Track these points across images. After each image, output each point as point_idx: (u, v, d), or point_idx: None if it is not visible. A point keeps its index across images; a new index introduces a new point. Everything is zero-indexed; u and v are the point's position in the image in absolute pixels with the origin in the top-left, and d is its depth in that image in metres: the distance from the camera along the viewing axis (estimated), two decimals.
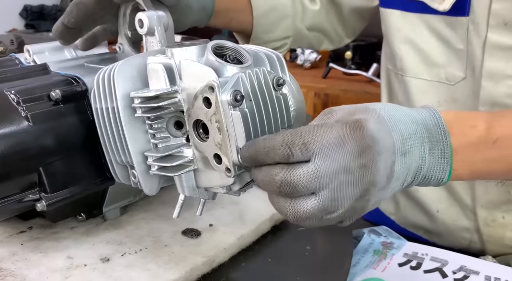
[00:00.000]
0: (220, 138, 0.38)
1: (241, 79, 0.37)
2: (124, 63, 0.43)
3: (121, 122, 0.42)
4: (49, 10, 2.26)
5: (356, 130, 0.34)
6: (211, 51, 0.39)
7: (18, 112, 0.45)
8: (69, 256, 0.47)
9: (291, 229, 0.57)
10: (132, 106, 0.41)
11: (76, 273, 0.44)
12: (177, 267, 0.45)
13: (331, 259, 0.53)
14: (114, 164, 0.46)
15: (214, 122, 0.38)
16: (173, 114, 0.42)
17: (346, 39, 0.83)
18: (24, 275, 0.44)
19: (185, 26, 0.58)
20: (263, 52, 0.42)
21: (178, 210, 0.43)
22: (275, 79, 0.40)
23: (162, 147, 0.43)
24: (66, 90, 0.47)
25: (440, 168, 0.38)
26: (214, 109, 0.37)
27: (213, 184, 0.42)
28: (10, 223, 0.54)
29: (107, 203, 0.55)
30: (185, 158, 0.42)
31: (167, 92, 0.40)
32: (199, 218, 0.55)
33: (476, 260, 0.58)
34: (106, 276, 0.44)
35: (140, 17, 0.46)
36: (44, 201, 0.46)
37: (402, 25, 0.65)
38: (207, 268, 0.47)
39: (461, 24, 0.59)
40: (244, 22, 0.69)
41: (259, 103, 0.38)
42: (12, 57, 0.59)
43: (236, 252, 0.51)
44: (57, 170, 0.47)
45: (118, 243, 0.49)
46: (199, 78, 0.38)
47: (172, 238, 0.51)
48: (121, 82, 0.42)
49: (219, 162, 0.39)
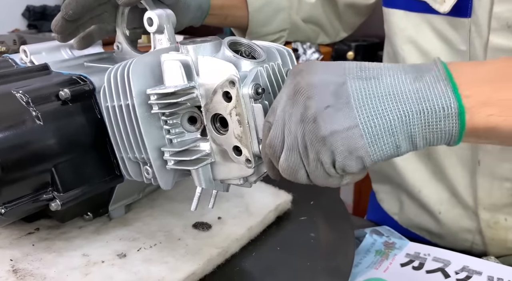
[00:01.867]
0: (241, 131, 0.39)
1: (259, 73, 0.39)
2: (138, 61, 0.43)
3: (137, 119, 0.43)
4: (51, 11, 2.24)
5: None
6: (228, 47, 0.41)
7: (29, 112, 0.45)
8: (84, 254, 0.47)
9: (294, 219, 0.60)
10: (149, 103, 0.42)
11: (95, 270, 0.45)
12: (194, 259, 0.47)
13: (335, 245, 0.55)
14: (126, 161, 0.47)
15: (235, 116, 0.39)
16: (187, 109, 0.44)
17: (342, 32, 0.82)
18: (44, 274, 0.44)
19: (182, 26, 0.59)
20: (274, 48, 0.44)
21: (196, 202, 0.45)
22: (288, 73, 0.42)
23: (177, 142, 0.44)
24: (75, 89, 0.48)
25: (438, 90, 0.32)
26: (235, 103, 0.39)
27: (232, 175, 0.43)
28: (16, 226, 0.54)
29: (113, 201, 0.55)
30: (202, 152, 0.43)
31: (185, 88, 0.41)
32: (205, 212, 0.56)
33: (478, 260, 0.58)
34: (126, 270, 0.45)
35: (150, 16, 0.47)
36: (58, 200, 0.46)
37: (405, 25, 0.65)
38: (221, 259, 0.49)
39: (463, 25, 0.58)
40: (240, 17, 0.69)
41: (277, 95, 0.40)
42: (6, 58, 0.58)
43: (246, 242, 0.53)
44: (68, 169, 0.47)
45: (131, 239, 0.50)
46: (218, 73, 0.40)
47: (184, 231, 0.52)
48: (136, 79, 0.42)
49: (238, 154, 0.41)
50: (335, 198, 0.66)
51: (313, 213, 0.61)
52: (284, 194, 0.60)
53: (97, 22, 0.56)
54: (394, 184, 0.75)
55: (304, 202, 0.63)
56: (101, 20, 0.56)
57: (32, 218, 0.55)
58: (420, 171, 0.70)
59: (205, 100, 0.41)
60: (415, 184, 0.70)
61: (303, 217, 0.60)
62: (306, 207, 0.62)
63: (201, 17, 0.61)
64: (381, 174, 0.78)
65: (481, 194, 0.63)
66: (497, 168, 0.61)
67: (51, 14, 2.22)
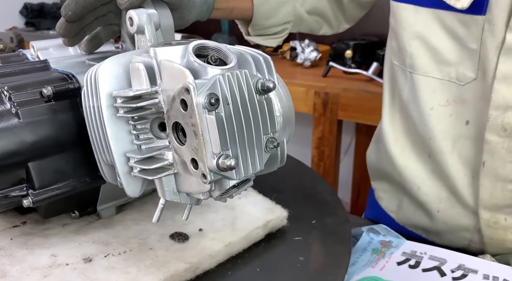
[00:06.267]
0: (196, 143, 0.36)
1: (218, 82, 0.36)
2: (110, 62, 0.42)
3: (104, 122, 0.41)
4: (49, 8, 2.28)
5: None
6: (192, 52, 0.38)
7: (8, 108, 0.45)
8: (53, 254, 0.47)
9: (287, 239, 0.55)
10: (114, 106, 0.41)
11: (56, 273, 0.44)
12: (157, 272, 0.44)
13: (323, 273, 0.50)
14: (102, 163, 0.46)
15: (190, 126, 0.36)
16: (156, 115, 0.41)
17: (345, 24, 0.82)
18: (5, 271, 0.44)
19: (189, 21, 0.57)
20: (249, 54, 0.40)
21: (158, 214, 0.42)
22: (259, 83, 0.38)
23: (145, 148, 0.42)
24: (58, 87, 0.47)
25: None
26: (190, 112, 0.36)
27: (192, 189, 0.40)
28: (7, 216, 0.55)
29: (101, 201, 0.54)
30: (165, 161, 0.41)
31: (147, 92, 0.39)
32: (190, 221, 0.54)
33: (474, 259, 0.58)
34: (85, 277, 0.43)
35: (130, 15, 0.45)
36: (30, 197, 0.46)
37: (414, 20, 0.63)
38: (190, 274, 0.46)
39: (476, 23, 0.56)
40: (245, 10, 0.68)
41: (238, 107, 0.37)
42: (19, 53, 0.60)
43: (223, 259, 0.49)
44: (46, 167, 0.47)
45: (104, 243, 0.49)
46: (177, 79, 0.37)
47: (159, 241, 0.49)
48: (104, 81, 0.41)
49: (196, 167, 0.38)
50: (342, 217, 0.61)
51: (311, 234, 0.56)
52: (279, 210, 0.56)
53: (103, 23, 0.55)
54: (393, 182, 0.75)
55: (305, 220, 0.58)
56: (107, 21, 0.55)
57: (24, 210, 0.55)
58: (420, 169, 0.69)
59: (167, 107, 0.38)
60: (414, 182, 0.70)
61: (298, 237, 0.55)
62: (306, 226, 0.57)
63: (208, 11, 0.59)
64: (380, 171, 0.77)
65: (483, 195, 0.62)
66: (502, 170, 0.60)
67: (49, 12, 2.26)
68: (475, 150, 0.62)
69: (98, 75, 0.41)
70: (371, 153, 0.81)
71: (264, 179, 0.49)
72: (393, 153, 0.72)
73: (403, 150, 0.71)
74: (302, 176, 0.72)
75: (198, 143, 0.36)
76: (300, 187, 0.68)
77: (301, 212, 0.59)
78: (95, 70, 0.42)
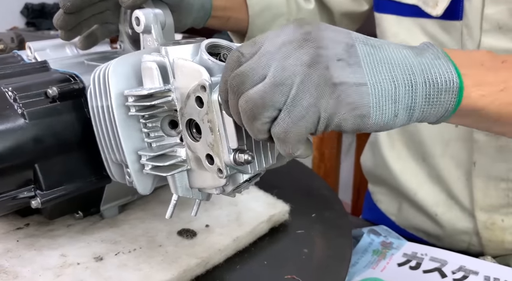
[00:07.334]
0: (212, 139, 0.37)
1: None
2: (119, 61, 0.42)
3: (115, 121, 0.42)
4: (50, 8, 2.27)
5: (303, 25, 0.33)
6: (205, 50, 0.39)
7: (14, 109, 0.45)
8: (63, 254, 0.47)
9: (290, 232, 0.57)
10: (126, 105, 0.41)
11: (68, 272, 0.44)
12: (169, 268, 0.45)
13: (327, 264, 0.52)
14: (110, 162, 0.46)
15: (206, 122, 0.37)
16: (167, 113, 0.42)
17: None
18: (17, 272, 0.44)
19: (185, 26, 0.58)
20: None
21: (171, 210, 0.43)
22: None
23: (156, 146, 0.43)
24: (63, 87, 0.47)
25: (440, 65, 0.33)
26: (206, 109, 0.37)
27: (206, 185, 0.41)
28: (8, 219, 0.54)
29: (105, 201, 0.54)
30: (178, 158, 0.41)
31: (160, 90, 0.39)
32: (196, 218, 0.54)
33: (475, 260, 0.58)
34: (97, 275, 0.44)
35: (137, 15, 0.46)
36: (38, 198, 0.46)
37: (398, 30, 0.65)
38: (201, 269, 0.47)
39: (455, 28, 0.59)
40: (241, 21, 0.69)
41: None
42: (14, 54, 0.59)
43: (231, 254, 0.50)
44: (52, 167, 0.47)
45: (112, 242, 0.49)
46: (192, 77, 0.38)
47: (167, 238, 0.50)
48: (115, 80, 0.41)
49: (211, 162, 0.38)
50: (340, 211, 0.63)
51: (313, 227, 0.58)
52: (281, 204, 0.58)
53: (100, 20, 0.56)
54: (391, 186, 0.75)
55: (305, 214, 0.60)
56: (104, 19, 0.56)
57: (25, 213, 0.55)
58: (415, 174, 0.70)
59: (181, 104, 0.39)
60: (411, 187, 0.71)
61: (300, 230, 0.57)
62: (307, 220, 0.59)
63: (204, 17, 0.60)
64: (377, 177, 0.78)
65: (477, 195, 0.64)
66: (492, 168, 0.61)
67: (50, 12, 2.25)
68: (466, 151, 0.63)
69: (109, 75, 0.41)
70: (366, 159, 0.81)
71: (262, 176, 0.50)
72: (388, 158, 0.73)
73: (399, 155, 0.72)
74: (298, 173, 0.74)
75: (215, 139, 0.37)
76: (297, 183, 0.70)
77: (300, 206, 0.61)
78: (104, 69, 0.43)
